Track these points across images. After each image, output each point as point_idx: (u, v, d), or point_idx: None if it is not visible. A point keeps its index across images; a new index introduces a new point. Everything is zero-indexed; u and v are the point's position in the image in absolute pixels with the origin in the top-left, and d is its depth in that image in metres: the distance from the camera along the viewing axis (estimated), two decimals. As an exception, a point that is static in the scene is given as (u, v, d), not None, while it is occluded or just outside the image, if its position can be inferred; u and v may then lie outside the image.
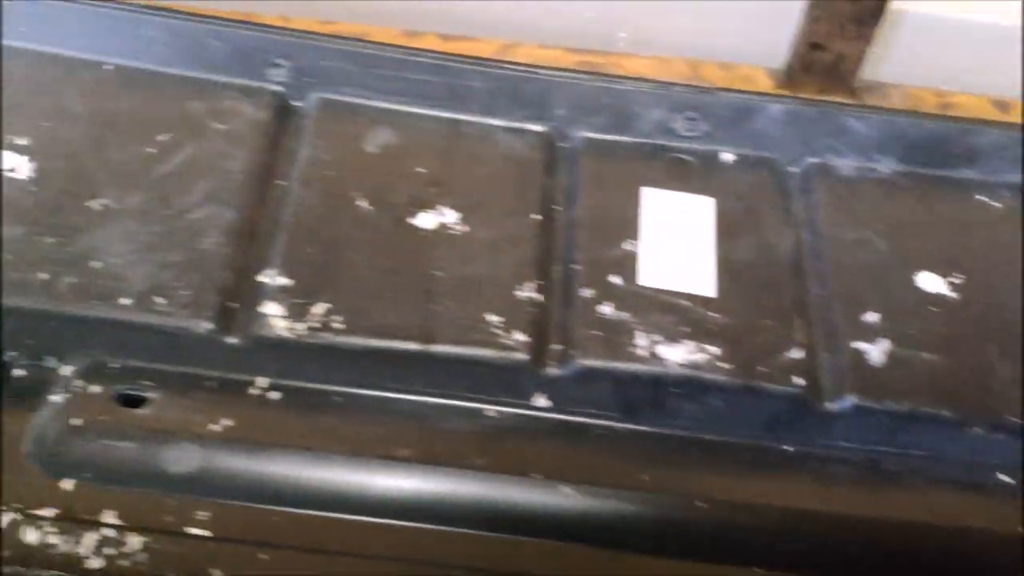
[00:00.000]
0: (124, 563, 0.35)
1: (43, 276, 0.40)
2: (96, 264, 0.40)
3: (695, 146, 0.46)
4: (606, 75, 0.44)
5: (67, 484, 0.37)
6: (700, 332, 0.40)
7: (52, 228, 0.41)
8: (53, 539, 0.35)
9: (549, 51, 0.69)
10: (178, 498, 0.37)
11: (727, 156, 0.46)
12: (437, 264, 0.42)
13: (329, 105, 0.46)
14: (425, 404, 0.41)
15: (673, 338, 0.40)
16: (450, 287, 0.41)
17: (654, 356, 0.39)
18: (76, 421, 0.38)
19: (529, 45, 0.70)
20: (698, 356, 0.39)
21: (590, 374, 0.39)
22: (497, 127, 0.46)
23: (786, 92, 0.65)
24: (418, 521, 0.38)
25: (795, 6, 0.65)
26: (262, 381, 0.40)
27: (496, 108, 0.46)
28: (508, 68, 0.45)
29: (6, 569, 0.34)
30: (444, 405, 0.41)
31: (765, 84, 0.68)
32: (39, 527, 0.35)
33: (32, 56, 0.46)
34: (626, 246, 0.43)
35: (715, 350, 0.40)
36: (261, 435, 0.39)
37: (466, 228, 0.43)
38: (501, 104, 0.46)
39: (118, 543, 0.35)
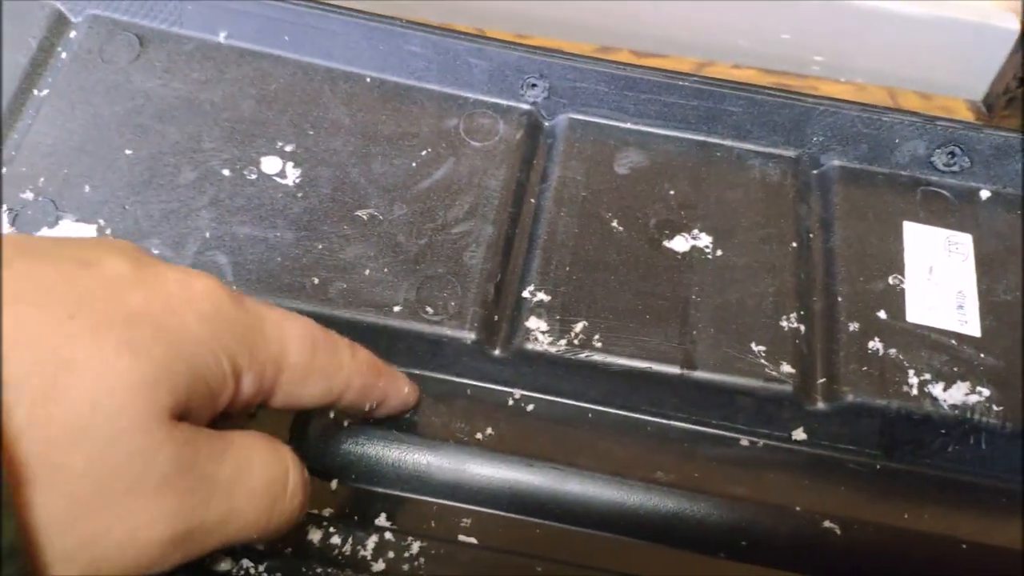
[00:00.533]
0: (404, 567, 0.36)
1: (315, 280, 0.41)
2: (365, 271, 0.42)
3: (953, 181, 0.45)
4: (869, 105, 0.44)
5: (332, 484, 0.39)
6: (971, 373, 0.39)
7: (321, 234, 0.43)
8: (335, 539, 0.36)
9: (743, 71, 0.69)
10: (443, 505, 0.39)
11: (984, 193, 0.45)
12: (693, 288, 0.42)
13: (577, 125, 0.47)
14: (677, 429, 0.41)
15: (945, 378, 0.39)
16: (709, 312, 0.41)
17: (927, 395, 0.39)
18: (345, 421, 0.39)
19: (722, 64, 0.69)
20: (971, 398, 0.39)
21: (858, 410, 0.39)
22: (748, 151, 0.46)
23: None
24: (673, 545, 0.38)
25: (1001, 39, 0.63)
26: (519, 394, 0.41)
27: (749, 132, 0.46)
28: (766, 93, 0.45)
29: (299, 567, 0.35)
30: (697, 432, 0.41)
31: (964, 116, 0.66)
32: (322, 526, 0.37)
33: (295, 65, 0.48)
34: (891, 280, 0.42)
35: (986, 392, 0.39)
36: (524, 447, 0.39)
37: (720, 253, 0.43)
38: (754, 128, 0.46)
39: (396, 547, 0.36)
